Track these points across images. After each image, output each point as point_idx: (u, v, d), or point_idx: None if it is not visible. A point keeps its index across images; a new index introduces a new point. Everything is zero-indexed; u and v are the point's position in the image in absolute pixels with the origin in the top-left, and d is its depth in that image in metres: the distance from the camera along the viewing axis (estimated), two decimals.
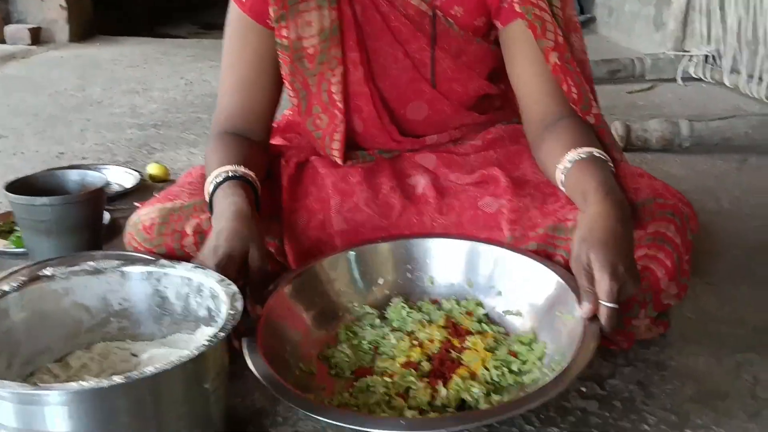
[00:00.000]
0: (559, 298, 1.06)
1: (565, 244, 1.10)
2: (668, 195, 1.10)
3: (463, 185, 1.23)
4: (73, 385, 0.75)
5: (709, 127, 2.23)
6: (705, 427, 0.99)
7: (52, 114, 2.76)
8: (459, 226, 1.17)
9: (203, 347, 0.82)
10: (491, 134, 1.34)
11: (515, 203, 1.13)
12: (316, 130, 1.27)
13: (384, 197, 1.21)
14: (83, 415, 0.76)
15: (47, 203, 1.37)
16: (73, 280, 0.99)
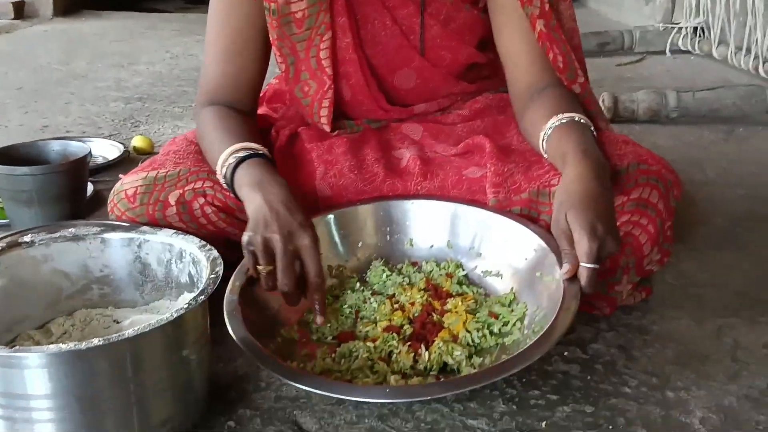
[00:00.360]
0: (540, 259, 1.06)
1: (548, 209, 1.10)
2: (652, 161, 1.10)
3: (449, 156, 1.23)
4: (52, 347, 0.75)
5: (696, 98, 2.23)
6: (685, 388, 1.00)
7: (35, 88, 2.74)
8: (443, 190, 1.17)
9: (182, 310, 0.82)
10: (478, 103, 1.33)
11: (499, 167, 1.13)
12: (305, 97, 1.26)
13: (368, 166, 1.21)
14: (63, 377, 0.76)
15: (28, 173, 1.36)
16: (52, 246, 0.98)
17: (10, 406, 0.77)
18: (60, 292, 1.00)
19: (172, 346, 0.83)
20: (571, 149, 1.03)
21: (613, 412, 0.95)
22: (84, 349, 0.74)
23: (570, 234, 0.95)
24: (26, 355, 0.75)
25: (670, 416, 0.94)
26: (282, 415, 0.94)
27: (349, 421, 0.93)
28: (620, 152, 1.10)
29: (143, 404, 0.82)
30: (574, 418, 0.94)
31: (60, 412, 0.77)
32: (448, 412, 0.95)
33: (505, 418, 0.94)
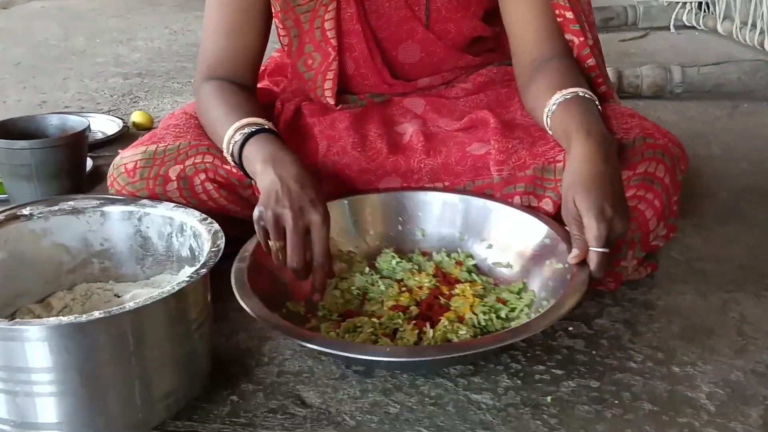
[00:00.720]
0: (550, 248, 1.05)
1: (554, 186, 1.08)
2: (659, 135, 1.08)
3: (452, 131, 1.21)
4: (52, 319, 0.74)
5: (701, 73, 2.20)
6: (691, 363, 0.99)
7: (33, 64, 2.71)
8: (446, 167, 1.15)
9: (185, 283, 0.81)
10: (482, 77, 1.31)
11: (503, 144, 1.11)
12: (308, 70, 1.24)
13: (371, 143, 1.19)
14: (63, 350, 0.75)
15: (27, 146, 1.34)
16: (51, 220, 0.97)
17: (11, 379, 0.76)
18: (60, 266, 0.99)
19: (174, 319, 0.82)
20: (576, 128, 1.02)
21: (618, 386, 0.94)
22: (85, 321, 0.73)
23: (579, 218, 0.94)
24: (27, 328, 0.75)
25: (676, 391, 0.94)
26: (285, 389, 0.94)
27: (352, 395, 0.93)
28: (626, 126, 1.09)
29: (145, 378, 0.82)
30: (579, 392, 0.93)
31: (61, 385, 0.76)
32: (452, 387, 0.94)
33: (509, 392, 0.93)
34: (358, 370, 0.97)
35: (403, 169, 1.16)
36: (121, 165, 1.12)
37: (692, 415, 0.90)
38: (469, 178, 1.14)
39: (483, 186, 1.14)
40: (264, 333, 1.05)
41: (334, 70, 1.22)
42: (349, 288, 1.09)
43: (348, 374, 0.96)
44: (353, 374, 0.96)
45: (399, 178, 1.17)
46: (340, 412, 0.90)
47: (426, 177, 1.16)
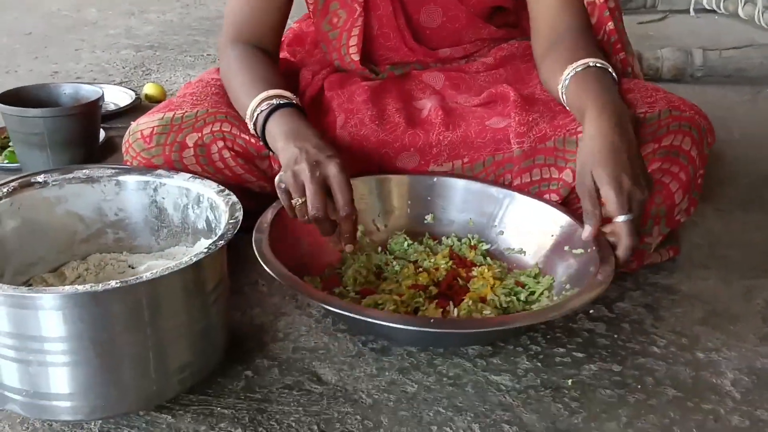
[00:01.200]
0: (568, 235, 1.04)
1: (575, 158, 1.06)
2: (685, 107, 1.06)
3: (471, 107, 1.19)
4: (68, 288, 0.72)
5: (722, 56, 2.17)
6: (716, 349, 0.97)
7: (46, 34, 2.69)
8: (466, 140, 1.12)
9: (202, 254, 0.79)
10: (503, 51, 1.29)
11: (523, 117, 1.09)
12: (333, 29, 1.23)
13: (389, 117, 1.17)
14: (78, 320, 0.73)
15: (39, 114, 1.32)
16: (66, 188, 0.95)
17: (24, 348, 0.74)
18: (74, 235, 0.97)
19: (190, 291, 0.81)
20: (588, 105, 1.00)
21: (641, 371, 0.92)
22: (101, 291, 0.72)
23: (594, 193, 0.93)
24: (41, 296, 0.73)
25: (701, 377, 0.92)
26: (300, 365, 0.92)
27: (369, 373, 0.91)
28: (651, 99, 1.06)
29: (160, 349, 0.80)
30: (600, 376, 0.91)
31: (74, 355, 0.75)
32: (470, 367, 0.92)
33: (529, 374, 0.91)
34: (374, 348, 0.95)
35: (421, 143, 1.14)
36: (137, 131, 1.10)
37: (717, 401, 0.88)
38: (489, 152, 1.12)
39: (503, 160, 1.11)
40: (279, 308, 1.03)
41: (360, 26, 1.21)
42: (369, 263, 1.07)
43: (365, 351, 0.95)
44: (370, 352, 0.95)
45: (417, 153, 1.14)
46: (357, 389, 0.88)
47: (445, 152, 1.13)
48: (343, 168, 0.96)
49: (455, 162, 1.13)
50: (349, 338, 0.97)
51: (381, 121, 1.16)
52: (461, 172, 1.14)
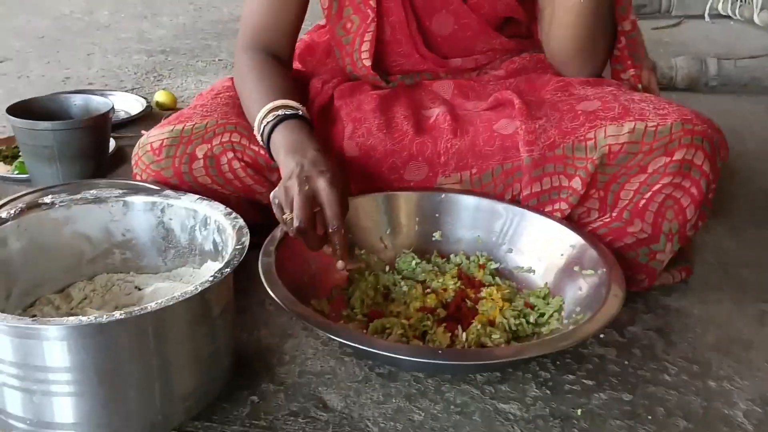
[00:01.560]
0: (575, 254, 1.03)
1: (584, 165, 1.05)
2: (698, 120, 1.04)
3: (479, 111, 1.18)
4: (72, 319, 0.72)
5: (738, 66, 2.15)
6: (728, 378, 0.95)
7: (57, 37, 2.69)
8: (474, 149, 1.11)
9: (208, 282, 0.78)
10: (515, 64, 1.28)
11: (530, 125, 1.08)
12: (347, 34, 1.23)
13: (397, 125, 1.16)
14: (82, 350, 0.73)
15: (50, 128, 1.32)
16: (73, 208, 0.94)
17: (28, 377, 0.74)
18: (81, 255, 0.97)
19: (196, 319, 0.80)
20: None
21: (652, 400, 0.91)
22: (105, 322, 0.71)
23: None
24: (45, 327, 0.72)
25: (712, 407, 0.90)
26: (306, 391, 0.91)
27: (375, 400, 0.90)
28: (663, 111, 1.05)
29: (165, 378, 0.79)
30: (610, 406, 0.90)
31: (79, 385, 0.74)
32: (478, 395, 0.91)
33: (538, 403, 0.90)
34: (381, 373, 0.94)
35: (429, 152, 1.13)
36: (147, 144, 1.11)
37: None
38: (497, 161, 1.10)
39: (512, 169, 1.10)
40: (286, 330, 1.03)
41: (372, 31, 1.21)
42: (376, 284, 1.06)
43: (371, 377, 0.94)
44: (377, 377, 0.94)
45: (425, 163, 1.13)
46: (363, 417, 0.87)
47: (453, 161, 1.12)
48: (333, 183, 0.96)
49: (463, 173, 1.12)
50: (355, 362, 0.96)
51: (389, 130, 1.15)
52: (470, 183, 1.12)
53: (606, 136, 1.04)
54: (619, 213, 1.06)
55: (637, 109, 1.05)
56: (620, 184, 1.05)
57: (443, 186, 1.13)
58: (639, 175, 1.04)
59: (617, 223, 1.06)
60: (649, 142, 1.02)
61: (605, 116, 1.06)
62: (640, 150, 1.03)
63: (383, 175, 1.14)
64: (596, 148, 1.04)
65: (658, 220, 1.04)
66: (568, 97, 1.13)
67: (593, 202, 1.08)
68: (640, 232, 1.05)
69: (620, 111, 1.05)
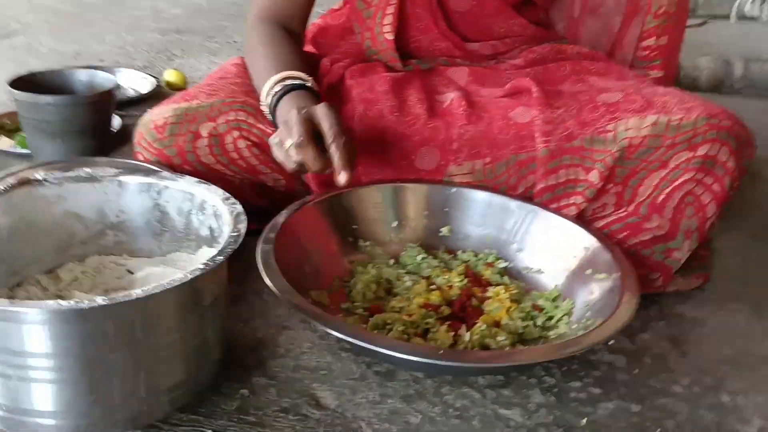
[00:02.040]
0: (589, 257, 0.98)
1: (603, 157, 1.00)
2: (724, 116, 1.00)
3: (495, 98, 1.13)
4: (51, 303, 0.68)
5: (765, 69, 2.08)
6: (742, 393, 0.91)
7: (71, 12, 2.66)
8: (488, 135, 1.06)
9: (198, 270, 0.74)
10: (534, 54, 1.23)
11: (548, 115, 1.03)
12: (367, 7, 1.20)
13: (410, 107, 1.11)
14: (62, 335, 0.69)
15: (51, 102, 1.29)
16: (65, 186, 0.90)
17: (6, 362, 0.70)
18: (72, 235, 0.93)
19: (185, 308, 0.76)
20: None
21: (661, 413, 0.86)
22: (87, 308, 0.67)
23: None
24: (25, 310, 0.69)
25: (725, 424, 0.86)
26: (300, 386, 0.87)
27: (371, 400, 0.86)
28: (688, 105, 1.01)
29: (151, 368, 0.76)
30: (618, 416, 0.85)
31: (59, 372, 0.71)
32: (479, 399, 0.87)
33: (541, 410, 0.86)
34: (379, 371, 0.90)
35: (442, 138, 1.08)
36: (150, 121, 1.08)
37: None
38: (512, 150, 1.06)
39: (527, 160, 1.05)
40: (282, 322, 0.99)
41: (395, 3, 1.18)
42: (379, 277, 1.02)
43: (368, 375, 0.90)
44: (374, 375, 0.90)
45: (436, 149, 1.08)
46: (357, 417, 0.83)
47: (465, 148, 1.07)
48: (330, 106, 0.96)
49: (476, 162, 1.07)
50: (353, 359, 0.92)
51: (401, 113, 1.10)
52: (482, 173, 1.08)
53: (627, 129, 0.99)
54: (636, 208, 1.02)
55: (661, 102, 1.01)
56: (640, 179, 1.01)
57: (454, 176, 1.09)
58: (660, 170, 1.00)
59: (634, 218, 1.01)
60: (672, 136, 0.98)
61: (627, 108, 1.01)
62: (662, 144, 0.98)
63: (393, 160, 1.10)
64: (616, 141, 0.99)
65: (677, 217, 1.00)
66: (589, 89, 1.09)
67: (610, 197, 1.03)
68: (658, 228, 1.00)
69: (642, 104, 1.01)
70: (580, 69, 1.18)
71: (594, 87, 1.10)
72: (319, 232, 1.05)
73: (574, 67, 1.18)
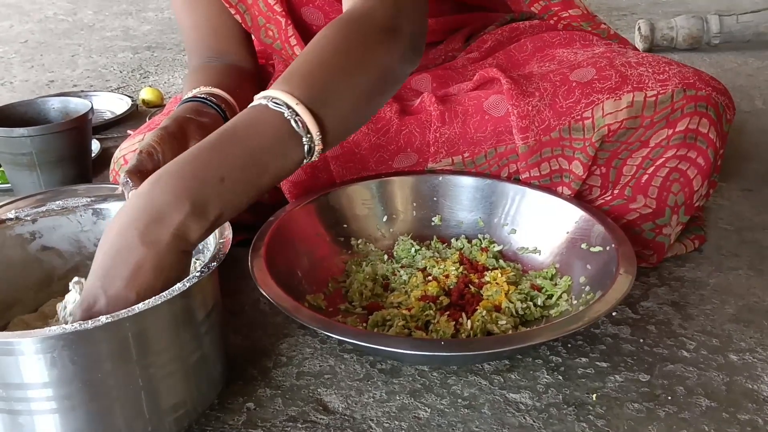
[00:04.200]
0: (582, 231, 0.97)
1: (582, 146, 0.99)
2: (700, 84, 0.98)
3: (465, 92, 1.10)
4: (40, 331, 0.66)
5: (740, 21, 2.07)
6: (750, 350, 0.90)
7: (41, 41, 2.63)
8: (465, 135, 1.04)
9: (193, 279, 0.73)
10: (488, 42, 1.21)
11: (523, 107, 1.00)
12: (274, 41, 1.15)
13: (379, 112, 1.07)
14: (59, 363, 0.67)
15: (26, 134, 1.26)
16: (39, 222, 0.89)
17: (11, 398, 0.69)
18: (52, 271, 0.91)
19: (180, 322, 0.74)
20: None
21: (671, 380, 0.85)
22: (74, 331, 0.65)
23: None
24: (18, 341, 0.67)
25: (735, 383, 0.85)
26: (305, 393, 0.86)
27: (378, 398, 0.85)
28: (663, 76, 0.98)
29: (152, 388, 0.74)
30: (627, 388, 0.85)
31: (61, 402, 0.69)
32: (486, 386, 0.86)
33: (550, 390, 0.85)
34: (383, 369, 0.89)
35: (418, 143, 1.06)
36: (120, 157, 1.07)
37: (754, 410, 0.81)
38: (490, 145, 1.04)
39: (506, 152, 1.04)
40: (282, 329, 0.97)
41: (294, 35, 1.13)
42: (374, 274, 1.01)
43: (373, 374, 0.89)
44: (378, 373, 0.89)
45: (414, 153, 1.07)
46: (366, 418, 0.82)
47: (443, 149, 1.06)
48: None
49: (455, 158, 1.06)
50: (356, 359, 0.91)
51: (371, 120, 1.07)
52: (462, 165, 1.07)
53: (604, 115, 0.98)
54: (621, 190, 1.01)
55: (635, 75, 0.99)
56: (622, 160, 1.00)
57: (435, 170, 1.08)
58: (641, 149, 0.98)
59: (619, 200, 1.01)
60: (649, 115, 0.96)
61: (602, 88, 0.99)
62: (640, 125, 0.97)
63: (370, 168, 1.08)
64: (594, 129, 0.98)
65: (662, 194, 0.99)
66: (559, 65, 1.07)
67: (595, 179, 1.02)
68: (644, 207, 0.99)
69: (617, 80, 0.99)
70: (542, 44, 1.15)
71: (564, 62, 1.08)
72: (310, 234, 1.04)
73: (535, 43, 1.16)
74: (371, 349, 0.87)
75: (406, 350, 0.80)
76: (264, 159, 0.74)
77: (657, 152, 0.98)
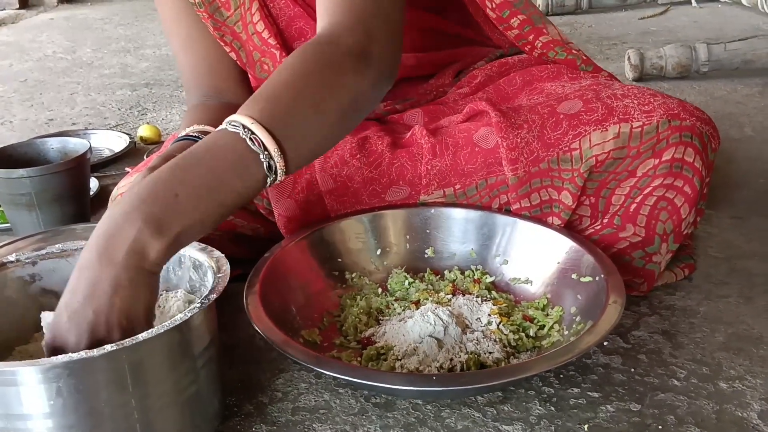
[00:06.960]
0: (572, 261, 0.99)
1: (571, 176, 1.01)
2: (685, 114, 1.00)
3: (456, 124, 1.13)
4: (42, 360, 0.68)
5: (728, 49, 2.11)
6: (739, 378, 0.91)
7: (40, 79, 2.67)
8: (456, 167, 1.06)
9: (191, 312, 0.74)
10: (478, 77, 1.23)
11: (512, 139, 1.02)
12: (269, 75, 1.17)
13: (371, 144, 1.10)
14: (57, 393, 0.68)
15: (24, 175, 1.29)
16: (39, 264, 0.90)
17: (14, 429, 0.70)
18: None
19: (177, 356, 0.76)
20: None
21: (661, 409, 0.86)
22: (73, 361, 0.66)
23: None
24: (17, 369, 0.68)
25: (724, 411, 0.86)
26: (300, 429, 0.87)
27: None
28: (648, 107, 1.00)
29: (147, 422, 0.75)
30: (618, 418, 0.86)
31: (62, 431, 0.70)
32: (480, 418, 0.87)
33: (543, 421, 0.86)
34: (378, 403, 0.90)
35: (410, 175, 1.08)
36: (118, 195, 1.08)
37: None
38: (481, 176, 1.06)
39: (497, 183, 1.06)
40: (277, 365, 0.99)
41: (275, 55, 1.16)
42: (368, 308, 1.02)
43: (367, 408, 0.90)
44: (373, 408, 0.90)
45: (406, 186, 1.09)
46: None
47: (435, 181, 1.07)
48: None
49: (446, 189, 1.08)
50: (350, 393, 0.92)
51: (362, 152, 1.09)
52: (454, 197, 1.08)
53: (591, 146, 1.00)
54: (610, 219, 1.02)
55: (621, 107, 1.01)
56: (611, 189, 1.02)
57: (427, 202, 1.10)
58: (629, 179, 1.00)
59: (609, 229, 1.02)
60: (635, 145, 0.99)
61: (588, 120, 1.01)
62: (627, 155, 0.99)
63: (363, 202, 1.10)
64: (582, 160, 1.00)
65: (651, 222, 1.01)
66: (546, 98, 1.09)
67: (584, 209, 1.04)
68: (633, 236, 1.01)
69: (603, 111, 1.01)
70: (530, 78, 1.18)
71: (552, 95, 1.10)
72: (304, 269, 1.05)
73: (524, 77, 1.19)
74: (363, 385, 0.88)
75: (399, 386, 0.81)
76: (224, 177, 0.76)
77: (644, 181, 1.00)
